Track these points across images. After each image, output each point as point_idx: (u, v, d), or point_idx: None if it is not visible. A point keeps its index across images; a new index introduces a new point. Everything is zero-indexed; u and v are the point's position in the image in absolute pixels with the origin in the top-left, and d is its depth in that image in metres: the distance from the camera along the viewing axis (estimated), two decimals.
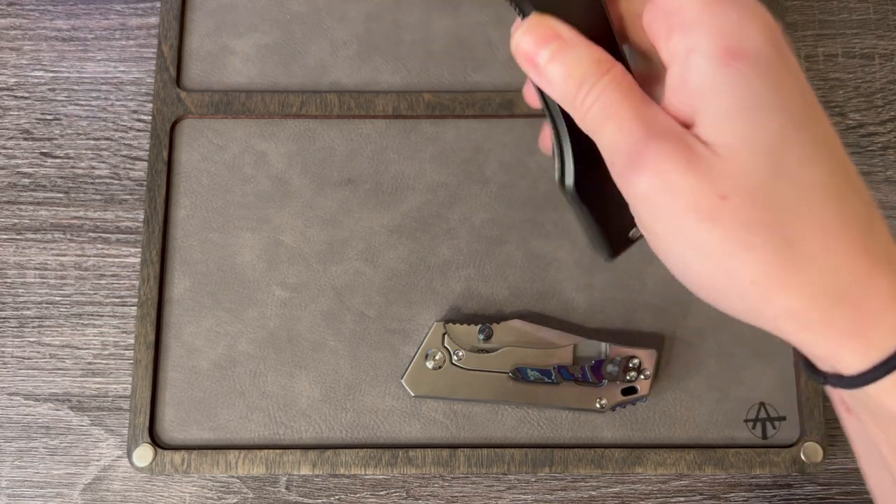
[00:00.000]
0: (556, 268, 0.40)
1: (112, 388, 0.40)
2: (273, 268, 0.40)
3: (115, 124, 0.43)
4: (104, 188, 0.42)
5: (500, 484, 0.39)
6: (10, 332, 0.40)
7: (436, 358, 0.38)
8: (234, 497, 0.39)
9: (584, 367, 0.37)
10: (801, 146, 0.23)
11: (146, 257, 0.40)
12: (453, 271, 0.40)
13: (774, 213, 0.23)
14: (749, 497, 0.39)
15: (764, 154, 0.23)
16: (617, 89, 0.25)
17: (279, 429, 0.38)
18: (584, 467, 0.38)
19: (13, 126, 0.43)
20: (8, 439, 0.39)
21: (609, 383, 0.37)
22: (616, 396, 0.37)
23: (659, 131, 0.24)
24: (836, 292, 0.23)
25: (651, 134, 0.24)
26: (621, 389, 0.37)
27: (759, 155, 0.23)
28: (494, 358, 0.37)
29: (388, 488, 0.39)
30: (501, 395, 0.37)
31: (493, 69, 0.43)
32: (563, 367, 0.37)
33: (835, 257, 0.23)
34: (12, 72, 0.43)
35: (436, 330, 0.38)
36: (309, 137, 0.42)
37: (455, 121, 0.42)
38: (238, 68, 0.43)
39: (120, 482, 0.39)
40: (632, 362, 0.37)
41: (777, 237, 0.23)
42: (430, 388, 0.38)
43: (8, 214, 0.41)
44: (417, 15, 0.43)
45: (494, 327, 0.38)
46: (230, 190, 0.41)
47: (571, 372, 0.37)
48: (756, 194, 0.23)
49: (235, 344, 0.39)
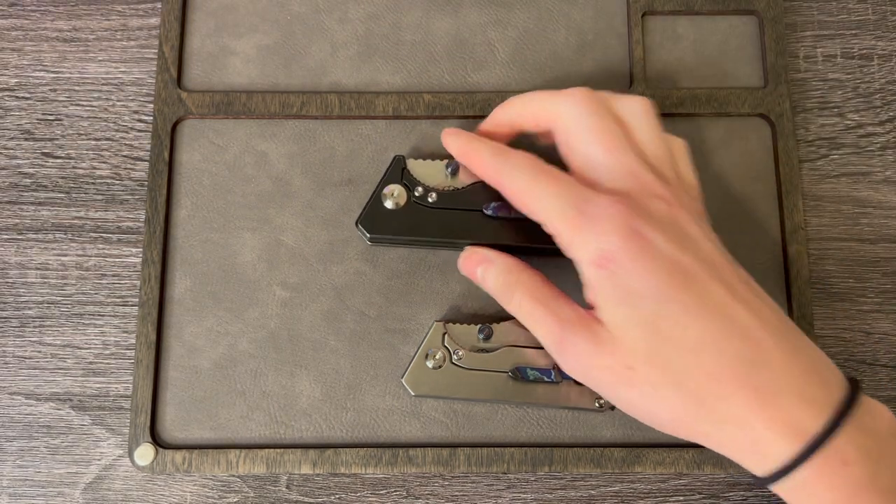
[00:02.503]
0: (556, 267, 0.40)
1: (113, 387, 0.40)
2: (274, 268, 0.40)
3: (116, 125, 0.43)
4: (105, 188, 0.42)
5: (499, 483, 0.39)
6: (12, 331, 0.40)
7: (436, 357, 0.38)
8: (235, 496, 0.39)
9: None
10: (671, 314, 0.30)
11: (147, 257, 0.40)
12: (453, 271, 0.40)
13: (669, 372, 0.30)
14: (748, 496, 0.39)
15: (645, 328, 0.30)
16: (529, 296, 0.34)
17: (280, 428, 0.38)
18: (583, 466, 0.38)
19: (14, 126, 0.43)
20: (9, 439, 0.39)
21: None
22: None
23: (569, 323, 0.32)
24: (733, 419, 0.29)
25: (564, 326, 0.32)
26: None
27: (642, 330, 0.30)
28: (494, 357, 0.38)
29: (388, 487, 0.39)
30: (501, 394, 0.37)
31: (493, 70, 0.43)
32: None
33: (724, 392, 0.29)
34: (13, 72, 0.43)
35: (436, 330, 0.38)
36: (309, 138, 0.42)
37: (455, 121, 0.42)
38: (239, 69, 0.43)
39: (121, 481, 0.39)
40: None
41: (679, 388, 0.30)
42: (430, 387, 0.38)
43: (9, 214, 0.42)
44: (417, 15, 0.44)
45: (494, 327, 0.38)
46: (231, 190, 0.41)
47: None
48: (652, 360, 0.30)
49: (236, 343, 0.39)
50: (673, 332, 0.30)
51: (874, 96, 0.43)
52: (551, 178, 0.33)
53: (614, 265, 0.30)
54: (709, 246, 0.32)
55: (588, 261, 0.31)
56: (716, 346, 0.30)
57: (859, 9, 0.45)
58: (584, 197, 0.32)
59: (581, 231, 0.31)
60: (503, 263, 0.35)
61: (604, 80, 0.43)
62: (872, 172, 0.42)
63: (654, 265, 0.30)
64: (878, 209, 0.42)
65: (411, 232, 0.39)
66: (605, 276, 0.31)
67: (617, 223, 0.31)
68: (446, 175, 0.39)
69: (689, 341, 0.30)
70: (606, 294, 0.31)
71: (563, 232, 0.32)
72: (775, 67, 0.42)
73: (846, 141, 0.43)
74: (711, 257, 0.31)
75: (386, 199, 0.39)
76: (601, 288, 0.31)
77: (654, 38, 0.43)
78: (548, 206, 0.32)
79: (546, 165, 0.34)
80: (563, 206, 0.32)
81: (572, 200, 0.32)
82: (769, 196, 0.41)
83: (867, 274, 0.41)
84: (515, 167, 0.34)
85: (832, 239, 0.41)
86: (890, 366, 0.40)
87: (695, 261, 0.31)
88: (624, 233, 0.31)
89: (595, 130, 0.33)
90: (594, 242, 0.31)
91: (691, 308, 0.30)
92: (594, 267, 0.31)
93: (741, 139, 0.42)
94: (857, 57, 0.44)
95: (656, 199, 0.32)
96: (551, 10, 0.44)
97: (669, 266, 0.30)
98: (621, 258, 0.30)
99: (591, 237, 0.31)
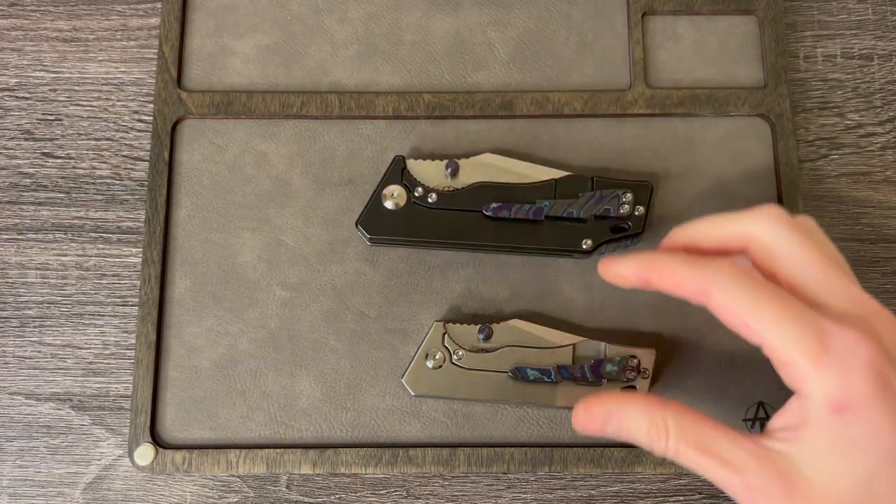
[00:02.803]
0: (556, 268, 0.40)
1: (113, 387, 0.40)
2: (274, 268, 0.40)
3: (116, 125, 0.43)
4: (105, 188, 0.42)
5: (499, 483, 0.39)
6: (12, 331, 0.40)
7: (436, 357, 0.38)
8: (235, 496, 0.39)
9: (584, 366, 0.37)
10: (891, 477, 0.27)
11: (147, 257, 0.40)
12: (453, 271, 0.40)
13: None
14: None
15: (856, 482, 0.27)
16: (687, 444, 0.29)
17: (280, 428, 0.38)
18: (583, 466, 0.38)
19: (14, 126, 0.43)
20: (9, 439, 0.39)
21: (608, 383, 0.37)
22: None
23: (750, 470, 0.28)
24: None
25: (745, 475, 0.28)
26: (620, 389, 0.37)
27: (853, 484, 0.27)
28: (494, 357, 0.38)
29: (388, 487, 0.39)
30: (501, 394, 0.37)
31: (493, 70, 0.43)
32: (562, 366, 0.37)
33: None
34: (14, 72, 0.43)
35: (436, 330, 0.38)
36: (309, 138, 0.42)
37: (455, 121, 0.42)
38: (239, 69, 0.43)
39: (121, 481, 0.39)
40: (631, 362, 0.37)
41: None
42: (430, 387, 0.38)
43: (9, 214, 0.42)
44: (417, 15, 0.44)
45: (494, 327, 0.38)
46: (231, 190, 0.41)
47: (571, 371, 0.37)
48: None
49: (236, 343, 0.39)
50: (889, 496, 0.27)
51: (874, 96, 0.43)
52: (777, 298, 0.29)
53: (852, 414, 0.27)
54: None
55: (824, 403, 0.28)
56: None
57: (859, 9, 0.45)
58: (823, 328, 0.28)
59: (822, 368, 0.28)
60: (638, 415, 0.30)
61: (604, 80, 0.43)
62: (872, 172, 0.42)
63: (894, 417, 0.27)
64: (878, 209, 0.42)
65: (411, 232, 0.39)
66: (839, 423, 0.28)
67: (866, 367, 0.28)
68: (446, 175, 0.39)
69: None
70: (830, 439, 0.28)
71: (800, 364, 0.28)
72: (775, 67, 0.42)
73: (846, 141, 0.43)
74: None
75: (386, 200, 0.39)
76: (826, 433, 0.28)
77: (654, 38, 0.43)
78: (781, 333, 0.28)
79: (762, 278, 0.30)
80: (801, 335, 0.28)
81: (811, 330, 0.28)
82: (769, 196, 0.41)
83: (867, 274, 0.41)
84: (728, 279, 0.30)
85: (832, 239, 0.41)
86: None
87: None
88: (872, 380, 0.27)
89: (805, 249, 0.30)
90: (837, 384, 0.28)
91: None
92: (830, 411, 0.28)
93: (741, 139, 0.42)
94: (857, 57, 0.44)
95: (889, 328, 0.29)
96: (551, 10, 0.44)
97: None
98: (863, 408, 0.27)
99: (835, 377, 0.28)
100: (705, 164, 0.41)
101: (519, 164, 0.39)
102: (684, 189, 0.41)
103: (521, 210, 0.38)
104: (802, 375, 0.28)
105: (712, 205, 0.41)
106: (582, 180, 0.39)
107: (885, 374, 0.28)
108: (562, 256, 0.40)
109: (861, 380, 0.27)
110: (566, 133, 0.42)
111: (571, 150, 0.41)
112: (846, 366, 0.28)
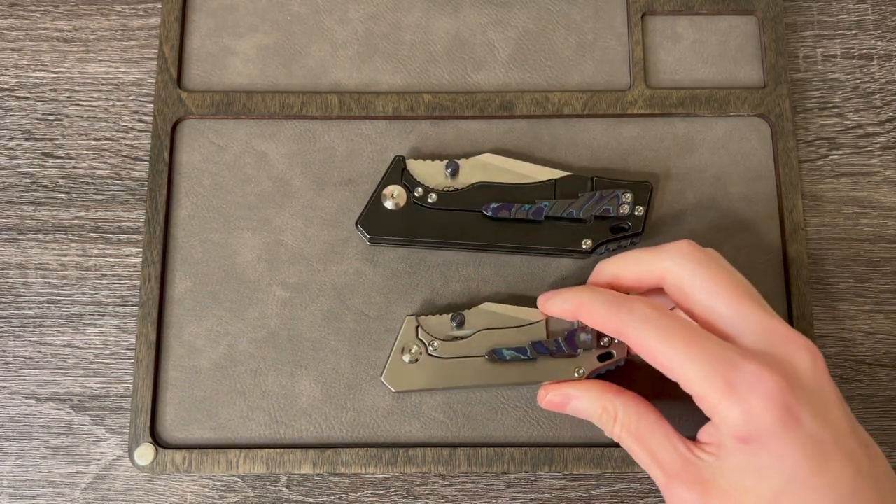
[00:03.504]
0: (556, 268, 0.40)
1: (113, 387, 0.40)
2: (274, 268, 0.40)
3: (116, 125, 0.43)
4: (105, 188, 0.42)
5: (499, 483, 0.39)
6: (12, 331, 0.40)
7: (412, 351, 0.38)
8: (235, 496, 0.39)
9: (558, 339, 0.36)
10: (797, 495, 0.29)
11: (147, 257, 0.40)
12: (453, 271, 0.40)
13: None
14: None
15: (764, 501, 0.29)
16: (630, 436, 0.33)
17: (280, 428, 0.38)
18: (583, 466, 0.38)
19: (14, 126, 0.43)
20: (9, 439, 0.39)
21: (584, 352, 0.36)
22: (593, 363, 0.36)
23: (675, 475, 0.31)
24: None
25: (670, 478, 0.31)
26: (597, 356, 0.36)
27: (761, 502, 0.29)
28: (469, 343, 0.37)
29: (388, 487, 0.39)
30: (481, 378, 0.37)
31: (493, 70, 0.43)
32: (537, 342, 0.37)
33: None
34: (14, 72, 0.43)
35: (408, 324, 0.38)
36: (309, 138, 0.42)
37: (455, 121, 0.42)
38: (239, 69, 0.43)
39: (121, 481, 0.39)
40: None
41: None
42: (410, 382, 0.37)
43: (9, 214, 0.42)
44: (417, 15, 0.44)
45: (466, 314, 0.38)
46: (231, 190, 0.41)
47: (546, 346, 0.36)
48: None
49: (236, 343, 0.39)
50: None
51: (874, 96, 0.43)
52: (686, 335, 0.31)
53: (756, 444, 0.29)
54: (839, 411, 0.30)
55: (732, 434, 0.30)
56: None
57: (859, 9, 0.45)
58: (730, 362, 0.30)
59: (729, 401, 0.29)
60: (591, 399, 0.34)
61: (604, 79, 0.43)
62: (872, 172, 0.42)
63: (795, 445, 0.29)
64: (878, 209, 0.42)
65: (411, 232, 0.39)
66: (746, 451, 0.29)
67: (771, 402, 0.29)
68: (446, 175, 0.39)
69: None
70: (739, 464, 0.30)
71: (709, 397, 0.30)
72: (775, 67, 0.42)
73: (846, 141, 0.43)
74: (840, 426, 0.30)
75: (386, 200, 0.39)
76: (736, 458, 0.30)
77: (654, 38, 0.43)
78: (689, 371, 0.30)
79: (674, 315, 0.32)
80: (707, 372, 0.30)
81: (718, 367, 0.30)
82: (769, 196, 0.41)
83: (867, 274, 0.41)
84: (641, 320, 0.31)
85: (832, 239, 0.41)
86: (890, 366, 0.40)
87: (831, 436, 0.30)
88: (775, 412, 0.29)
89: (714, 281, 0.32)
90: (742, 417, 0.29)
91: (822, 492, 0.29)
92: (737, 441, 0.30)
93: (741, 139, 0.42)
94: (857, 57, 0.44)
95: (800, 353, 0.31)
96: (551, 10, 0.44)
97: (810, 447, 0.29)
98: (766, 438, 0.29)
99: (741, 412, 0.29)
100: (705, 164, 0.41)
101: (519, 164, 0.39)
102: (684, 189, 0.41)
103: (520, 210, 0.38)
104: (713, 408, 0.30)
105: (713, 205, 0.41)
106: (582, 180, 0.39)
107: (789, 404, 0.29)
108: (562, 256, 0.40)
109: (765, 412, 0.29)
110: (566, 133, 0.42)
111: (571, 151, 0.41)
112: (750, 400, 0.29)
